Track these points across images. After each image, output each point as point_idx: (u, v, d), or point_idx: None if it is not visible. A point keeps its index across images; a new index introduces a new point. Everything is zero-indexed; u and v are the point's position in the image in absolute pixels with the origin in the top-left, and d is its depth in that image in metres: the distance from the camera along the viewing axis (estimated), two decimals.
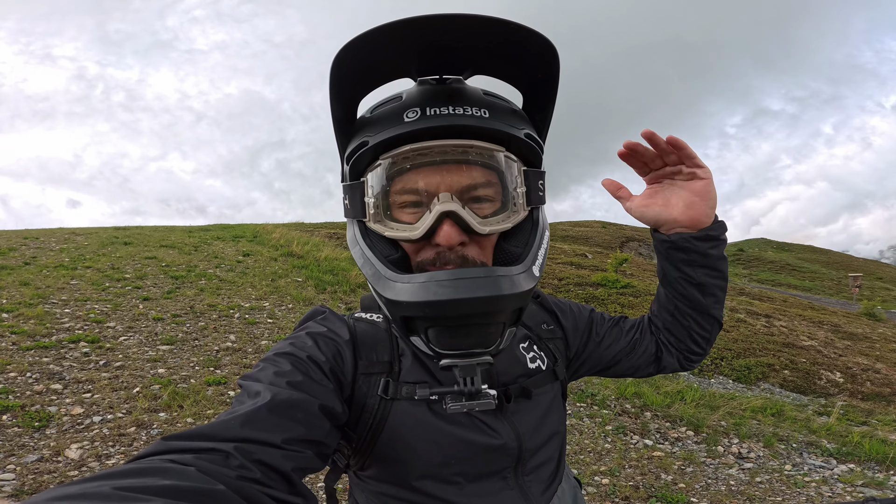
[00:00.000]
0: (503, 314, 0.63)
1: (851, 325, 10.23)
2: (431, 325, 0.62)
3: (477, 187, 0.65)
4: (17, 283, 5.97)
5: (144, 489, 0.39)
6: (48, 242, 8.57)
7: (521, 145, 0.66)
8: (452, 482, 0.69)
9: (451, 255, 0.64)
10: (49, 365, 3.91)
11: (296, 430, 0.56)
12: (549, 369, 0.82)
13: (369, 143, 0.63)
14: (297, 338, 0.69)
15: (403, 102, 0.64)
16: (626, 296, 10.20)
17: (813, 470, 3.79)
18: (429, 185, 0.64)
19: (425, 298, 0.58)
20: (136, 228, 11.64)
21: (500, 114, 0.64)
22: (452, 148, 0.63)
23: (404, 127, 0.61)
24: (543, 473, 0.77)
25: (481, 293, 0.57)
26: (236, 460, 0.49)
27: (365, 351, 0.72)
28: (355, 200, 0.68)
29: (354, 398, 0.69)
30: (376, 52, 0.59)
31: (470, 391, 0.64)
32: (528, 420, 0.75)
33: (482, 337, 0.63)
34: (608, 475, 3.47)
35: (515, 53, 0.63)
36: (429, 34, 0.57)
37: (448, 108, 0.62)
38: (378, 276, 0.64)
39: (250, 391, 0.59)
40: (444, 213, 0.62)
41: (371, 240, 0.67)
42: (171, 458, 0.46)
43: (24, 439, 2.93)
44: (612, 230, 38.99)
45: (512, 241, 0.68)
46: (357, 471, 0.75)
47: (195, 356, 4.50)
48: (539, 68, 0.65)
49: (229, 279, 7.33)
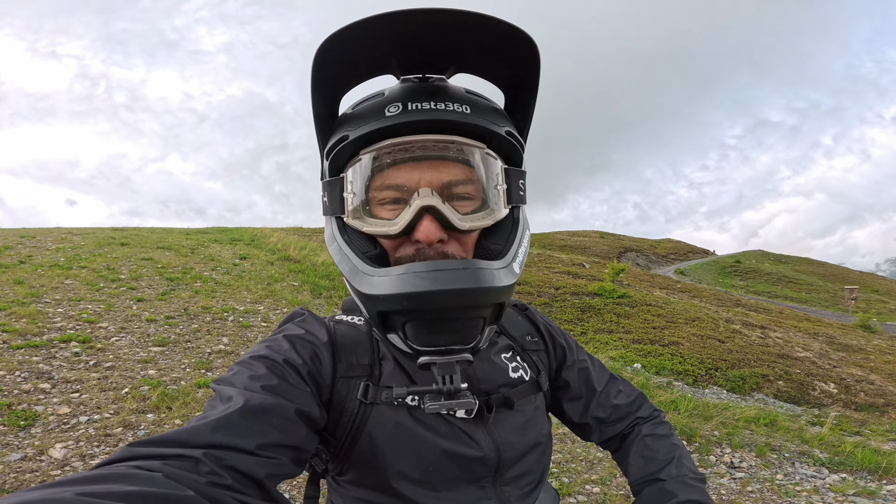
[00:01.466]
0: (483, 309, 0.61)
1: (846, 337, 10.24)
2: (409, 320, 0.61)
3: (457, 184, 0.64)
4: (11, 281, 5.94)
5: (109, 495, 0.37)
6: (44, 241, 8.54)
7: (503, 143, 0.65)
8: (430, 489, 0.68)
9: (430, 251, 0.63)
10: (38, 364, 3.88)
11: (270, 436, 0.54)
12: (532, 380, 0.80)
13: (350, 137, 0.62)
14: (273, 340, 0.68)
15: (385, 98, 0.64)
16: (622, 305, 10.21)
17: (805, 479, 3.76)
18: (409, 180, 0.63)
19: (402, 290, 0.57)
20: (134, 229, 11.62)
21: (482, 111, 0.64)
22: (433, 143, 0.62)
23: (385, 121, 0.61)
24: (522, 483, 0.75)
25: (460, 285, 0.56)
26: (206, 466, 0.47)
27: (344, 354, 0.70)
28: (334, 196, 0.67)
29: (333, 402, 0.67)
30: (358, 47, 0.58)
31: (449, 390, 0.64)
32: (509, 430, 0.74)
33: (461, 333, 0.62)
34: (599, 484, 3.44)
35: (497, 50, 0.62)
36: (410, 28, 0.57)
37: (430, 103, 0.61)
38: (355, 271, 0.63)
39: (223, 396, 0.58)
40: (423, 208, 0.61)
41: (349, 236, 0.66)
42: (138, 465, 0.44)
43: (9, 438, 2.90)
44: (610, 240, 39.06)
45: (492, 238, 0.67)
46: (335, 476, 0.73)
47: (187, 358, 4.48)
48: (521, 65, 0.64)
49: (225, 282, 7.31)
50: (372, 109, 0.63)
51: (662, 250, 42.40)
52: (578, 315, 9.72)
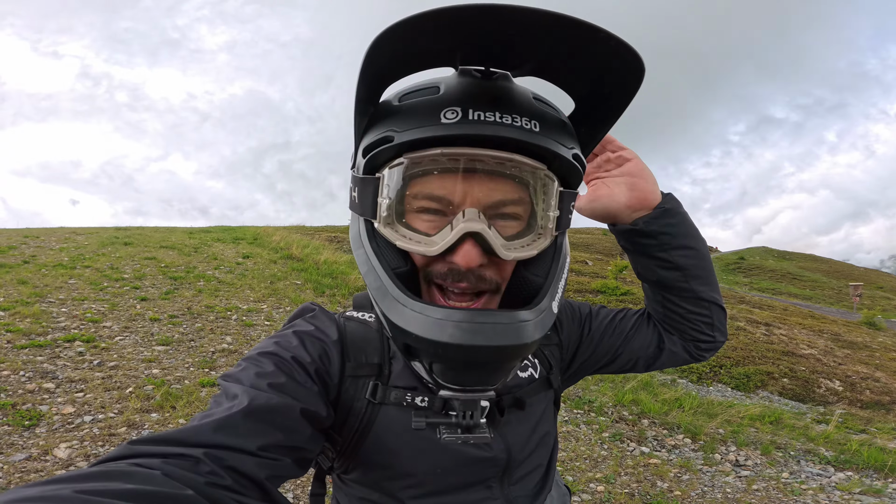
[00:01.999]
0: (518, 359, 0.60)
1: (851, 334, 10.19)
2: (438, 362, 0.58)
3: (507, 204, 0.58)
4: (15, 281, 5.96)
5: (107, 493, 0.37)
6: (48, 241, 8.58)
7: (565, 165, 0.58)
8: (436, 490, 0.68)
9: (466, 273, 0.58)
10: (43, 364, 3.89)
11: (273, 437, 0.53)
12: (542, 377, 0.79)
13: (395, 140, 0.55)
14: (282, 336, 0.67)
15: (441, 97, 0.55)
16: (625, 303, 10.18)
17: (810, 477, 3.75)
18: (453, 194, 0.57)
19: (438, 339, 0.53)
20: (137, 229, 11.66)
21: (551, 128, 0.56)
22: (490, 158, 0.55)
23: (441, 129, 0.53)
24: (530, 483, 0.75)
25: (501, 342, 0.53)
26: (206, 466, 0.47)
27: (354, 352, 0.69)
28: (366, 197, 0.60)
29: (341, 400, 0.66)
30: (420, 39, 0.50)
31: (468, 424, 0.63)
32: (519, 431, 0.73)
33: (490, 377, 0.60)
34: (603, 482, 3.44)
35: (591, 63, 0.53)
36: (485, 25, 0.48)
37: (495, 114, 0.53)
38: (384, 292, 0.58)
39: (228, 393, 0.56)
40: (468, 234, 0.56)
41: (378, 244, 0.61)
42: (137, 462, 0.44)
43: (14, 438, 2.91)
44: (613, 237, 38.98)
45: (532, 268, 0.62)
46: (340, 474, 0.73)
47: (190, 357, 4.48)
48: (614, 84, 0.55)
49: (228, 281, 7.32)
50: (425, 110, 0.55)
51: None
52: None
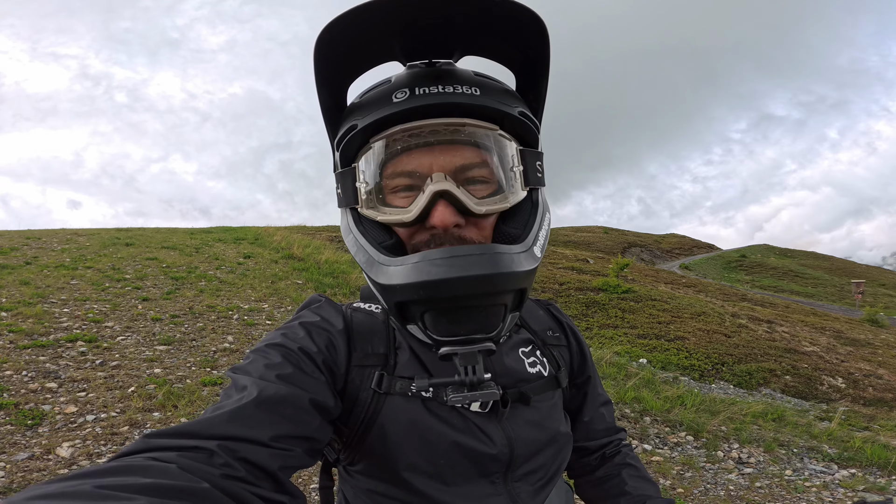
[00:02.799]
0: (503, 295, 0.60)
1: (854, 332, 10.18)
2: (427, 310, 0.60)
3: (472, 167, 0.62)
4: (18, 282, 5.98)
5: (126, 487, 0.38)
6: (50, 243, 8.59)
7: (516, 123, 0.64)
8: (440, 482, 0.67)
9: (446, 236, 0.61)
10: (45, 363, 3.90)
11: (284, 427, 0.54)
12: (550, 376, 0.78)
13: (358, 126, 0.61)
14: (289, 328, 0.67)
15: (392, 84, 0.63)
16: (627, 301, 10.17)
17: (814, 475, 3.74)
18: (420, 166, 0.62)
19: (418, 279, 0.56)
20: (139, 230, 11.67)
21: (492, 92, 0.63)
22: (444, 127, 0.61)
23: (393, 107, 0.60)
24: (533, 479, 0.74)
25: (477, 271, 0.55)
26: (220, 458, 0.47)
27: (360, 342, 0.69)
28: (347, 187, 0.66)
29: (347, 391, 0.67)
30: (360, 33, 0.57)
31: (472, 381, 0.62)
32: (523, 426, 0.72)
33: (482, 321, 0.60)
34: None
35: (504, 30, 0.60)
36: (409, 12, 0.55)
37: (438, 87, 0.60)
38: (371, 261, 0.63)
39: (238, 385, 0.57)
40: (437, 193, 0.60)
41: (364, 227, 0.65)
42: (153, 456, 0.45)
43: (16, 437, 2.92)
44: (614, 235, 38.97)
45: (510, 222, 0.65)
46: (347, 466, 0.73)
47: (192, 356, 4.49)
48: (529, 46, 0.62)
49: (229, 281, 7.33)
50: (379, 97, 0.62)
51: (667, 245, 42.29)
52: (583, 310, 9.69)
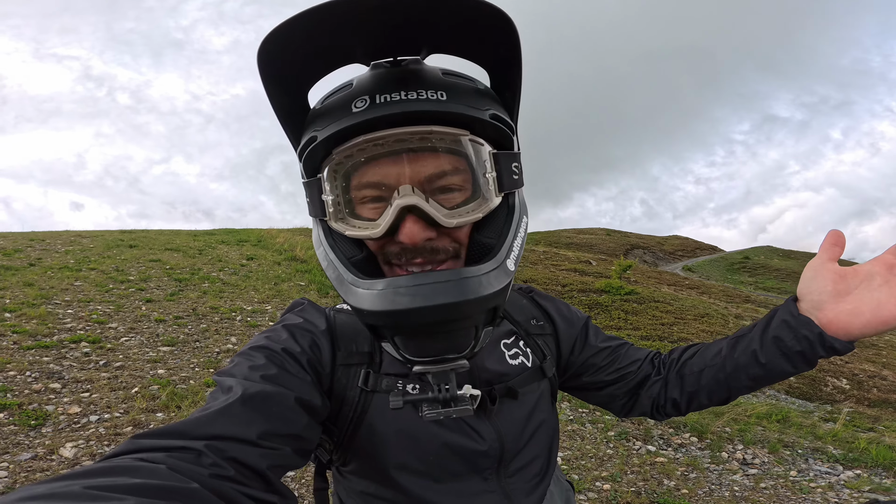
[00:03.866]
0: (472, 318, 0.58)
1: None
2: (396, 333, 0.59)
3: (442, 176, 0.59)
4: (22, 283, 6.00)
5: (115, 488, 0.38)
6: (54, 244, 8.63)
7: (488, 127, 0.60)
8: (431, 480, 0.68)
9: (418, 249, 0.59)
10: (49, 364, 3.91)
11: (271, 425, 0.54)
12: (535, 367, 0.78)
13: (318, 137, 0.58)
14: (273, 331, 0.68)
15: (352, 91, 0.58)
16: (630, 302, 10.14)
17: (819, 476, 3.72)
18: (387, 177, 0.58)
19: (383, 308, 0.54)
20: (142, 231, 11.72)
21: (461, 95, 0.58)
22: (409, 135, 0.56)
23: (352, 118, 0.55)
24: (528, 474, 0.74)
25: (442, 300, 0.52)
26: (209, 458, 0.47)
27: (344, 342, 0.70)
28: (314, 199, 0.63)
29: (334, 390, 0.67)
30: (313, 37, 0.52)
31: (445, 398, 0.62)
32: (512, 421, 0.72)
33: (452, 342, 0.59)
34: (609, 481, 3.42)
35: (471, 29, 0.56)
36: (368, 12, 0.50)
37: (400, 93, 0.55)
38: (341, 280, 0.60)
39: (223, 386, 0.57)
40: (404, 209, 0.57)
41: (334, 239, 0.63)
42: (141, 457, 0.45)
43: (20, 437, 2.92)
44: (617, 237, 38.90)
45: (485, 231, 0.62)
46: (339, 467, 0.73)
47: (196, 358, 4.50)
48: (499, 44, 0.58)
49: (232, 282, 7.35)
50: (339, 105, 0.58)
51: (670, 247, 42.19)
52: (586, 312, 9.67)
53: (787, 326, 0.70)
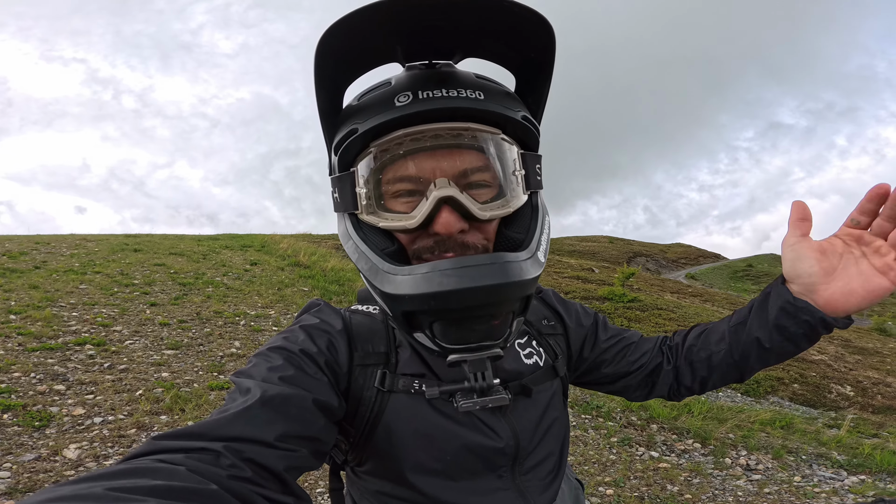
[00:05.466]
0: (511, 303, 0.60)
1: (862, 340, 10.07)
2: (436, 319, 0.59)
3: (474, 172, 0.62)
4: (27, 286, 6.03)
5: (136, 489, 0.38)
6: (59, 248, 8.67)
7: (518, 128, 0.63)
8: (447, 479, 0.68)
9: (450, 242, 0.61)
10: (53, 366, 3.92)
11: (289, 427, 0.54)
12: (547, 366, 0.79)
13: (359, 130, 0.60)
14: (290, 332, 0.68)
15: (393, 87, 0.61)
16: (632, 310, 10.12)
17: (823, 481, 3.69)
18: (423, 171, 0.61)
19: (429, 290, 0.55)
20: (146, 236, 11.77)
21: (495, 96, 0.62)
22: (447, 131, 0.60)
23: (396, 111, 0.58)
24: (542, 472, 0.75)
25: (489, 281, 0.54)
26: (227, 459, 0.48)
27: (360, 342, 0.70)
28: (345, 192, 0.64)
29: (350, 391, 0.67)
30: (361, 36, 0.56)
31: (482, 387, 0.62)
32: (527, 418, 0.73)
33: (491, 329, 0.60)
34: (613, 486, 3.40)
35: (508, 32, 0.59)
36: (412, 13, 0.54)
37: (441, 90, 0.59)
38: (375, 270, 0.61)
39: (241, 388, 0.58)
40: (441, 200, 0.59)
41: (364, 232, 0.64)
42: (161, 458, 0.45)
43: (24, 438, 2.93)
44: (620, 245, 38.83)
45: (513, 226, 0.65)
46: (354, 467, 0.73)
47: (199, 361, 4.51)
48: (533, 48, 0.61)
49: (236, 287, 7.37)
50: (380, 100, 0.60)
51: (673, 255, 42.08)
52: None
53: (787, 314, 0.72)
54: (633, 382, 0.88)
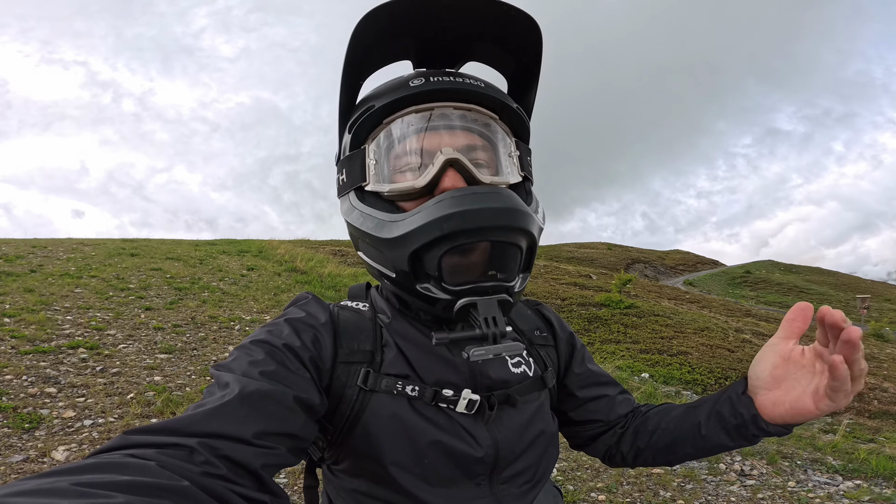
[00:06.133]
0: (520, 234, 0.61)
1: None
2: (447, 251, 0.59)
3: (475, 149, 0.67)
4: (22, 289, 6.03)
5: (104, 485, 0.37)
6: (55, 251, 8.67)
7: (514, 117, 0.70)
8: (424, 482, 0.67)
9: None
10: (46, 369, 3.91)
11: (267, 424, 0.53)
12: (536, 376, 0.78)
13: (375, 105, 0.66)
14: (274, 325, 0.67)
15: (408, 75, 0.69)
16: (629, 316, 10.11)
17: (818, 486, 3.68)
18: (430, 145, 0.65)
19: (440, 214, 0.58)
20: (144, 241, 11.76)
21: (495, 87, 0.70)
22: (453, 109, 0.66)
23: (410, 90, 0.65)
24: (520, 482, 0.73)
25: (497, 203, 0.58)
26: (201, 456, 0.47)
27: (346, 339, 0.69)
28: (354, 169, 0.69)
29: (332, 387, 0.66)
30: (385, 29, 0.64)
31: (494, 333, 0.59)
32: (510, 428, 0.72)
33: (500, 262, 0.61)
34: (605, 492, 3.39)
35: (504, 34, 0.67)
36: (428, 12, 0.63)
37: (450, 77, 0.67)
38: (381, 224, 0.63)
39: (220, 382, 0.57)
40: (448, 161, 0.63)
41: (371, 202, 0.67)
42: (132, 454, 0.44)
43: (13, 440, 2.93)
44: (618, 252, 38.87)
45: None
46: (331, 465, 0.72)
47: (192, 365, 4.50)
48: (525, 49, 0.69)
49: (232, 292, 7.37)
50: (395, 84, 0.68)
51: (671, 261, 42.13)
52: (585, 325, 9.65)
53: (730, 403, 0.72)
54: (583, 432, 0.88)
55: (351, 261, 11.76)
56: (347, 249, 13.48)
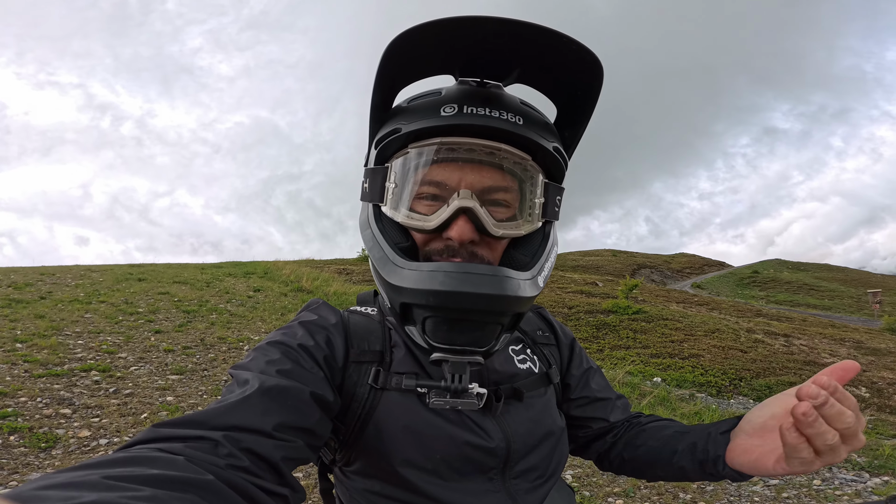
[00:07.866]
0: (503, 316, 0.63)
1: (874, 341, 9.92)
2: (430, 316, 0.62)
3: (497, 190, 0.66)
4: (33, 315, 6.07)
5: (133, 478, 0.39)
6: (64, 278, 8.74)
7: (548, 157, 0.67)
8: (437, 478, 0.67)
9: (460, 249, 0.64)
10: (60, 391, 3.93)
11: (286, 417, 0.55)
12: (541, 373, 0.80)
13: (402, 130, 0.64)
14: (288, 327, 0.69)
15: (442, 97, 0.65)
16: (638, 321, 10.03)
17: (844, 483, 3.60)
18: (450, 179, 0.64)
19: (430, 287, 0.59)
20: (150, 265, 11.85)
21: (534, 124, 0.65)
22: (481, 147, 0.64)
23: (439, 120, 0.62)
24: (532, 476, 0.74)
25: (486, 290, 0.58)
26: (225, 449, 0.48)
27: (356, 340, 0.71)
28: (375, 184, 0.68)
29: (344, 386, 0.68)
30: (425, 47, 0.60)
31: (456, 388, 0.64)
32: (519, 422, 0.73)
33: (478, 336, 0.63)
34: (622, 496, 3.33)
35: (559, 65, 0.63)
36: (479, 34, 0.58)
37: (485, 109, 0.62)
38: (385, 260, 0.64)
39: (239, 379, 0.59)
40: (461, 209, 0.63)
41: (383, 224, 0.68)
42: (161, 447, 0.46)
43: (30, 458, 2.93)
44: (623, 258, 38.75)
45: (521, 249, 0.68)
46: (342, 466, 0.73)
47: (204, 385, 4.50)
48: (580, 84, 0.65)
49: (240, 313, 7.39)
50: (428, 107, 0.64)
51: (677, 265, 41.91)
52: (594, 333, 9.57)
53: (706, 438, 0.73)
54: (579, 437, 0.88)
55: (356, 279, 11.78)
56: (352, 268, 13.52)
